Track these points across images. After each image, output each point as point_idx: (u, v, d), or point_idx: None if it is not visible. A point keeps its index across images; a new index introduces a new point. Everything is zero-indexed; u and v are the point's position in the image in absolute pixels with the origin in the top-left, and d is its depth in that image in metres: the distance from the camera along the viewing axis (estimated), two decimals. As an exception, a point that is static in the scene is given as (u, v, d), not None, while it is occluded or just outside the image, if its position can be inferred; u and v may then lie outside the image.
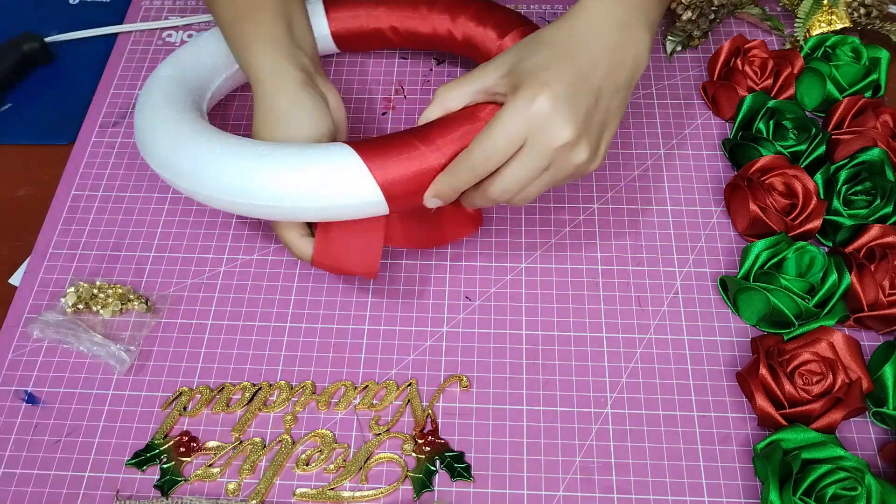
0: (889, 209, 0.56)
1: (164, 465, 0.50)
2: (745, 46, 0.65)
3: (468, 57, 0.64)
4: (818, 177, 0.59)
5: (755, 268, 0.55)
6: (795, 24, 0.67)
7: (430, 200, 0.49)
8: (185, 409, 0.52)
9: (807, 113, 0.64)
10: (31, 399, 0.53)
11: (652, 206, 0.61)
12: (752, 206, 0.56)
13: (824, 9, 0.67)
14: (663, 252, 0.58)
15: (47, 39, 0.72)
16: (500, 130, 0.46)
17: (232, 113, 0.67)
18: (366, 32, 0.65)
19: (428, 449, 0.50)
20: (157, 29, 0.73)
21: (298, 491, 0.49)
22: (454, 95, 0.50)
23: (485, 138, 0.46)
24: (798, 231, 0.57)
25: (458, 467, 0.49)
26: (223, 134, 0.50)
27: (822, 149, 0.60)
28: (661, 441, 0.50)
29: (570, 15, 0.49)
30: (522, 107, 0.45)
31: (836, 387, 0.50)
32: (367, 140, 0.49)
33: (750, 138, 0.61)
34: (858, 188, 0.57)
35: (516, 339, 0.55)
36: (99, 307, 0.56)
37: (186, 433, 0.51)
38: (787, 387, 0.49)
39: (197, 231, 0.60)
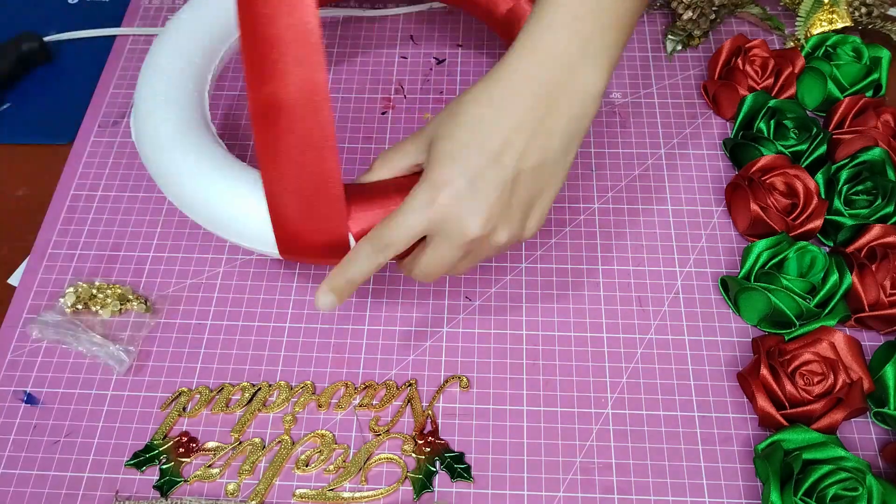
0: (890, 209, 0.56)
1: (164, 466, 0.50)
2: (746, 46, 0.65)
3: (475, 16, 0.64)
4: (819, 176, 0.59)
5: (756, 268, 0.55)
6: (796, 24, 0.67)
7: (324, 298, 0.46)
8: (184, 409, 0.52)
9: (808, 112, 0.64)
10: (30, 399, 0.53)
11: (652, 206, 0.61)
12: (753, 206, 0.56)
13: (825, 8, 0.67)
14: (664, 252, 0.58)
15: (46, 39, 0.72)
16: (403, 222, 0.44)
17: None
18: None
19: (428, 449, 0.50)
20: (156, 29, 0.73)
21: (298, 492, 0.49)
22: (385, 170, 0.48)
23: (386, 227, 0.45)
24: (799, 231, 0.57)
25: (459, 468, 0.49)
26: (221, 156, 0.50)
27: (823, 148, 0.60)
28: (662, 441, 0.50)
29: (490, 79, 0.44)
30: (423, 204, 0.44)
31: (837, 387, 0.49)
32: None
33: (751, 138, 0.61)
34: (859, 188, 0.57)
35: (516, 339, 0.55)
36: (98, 307, 0.56)
37: (186, 434, 0.51)
38: (788, 387, 0.49)
39: (196, 231, 0.60)
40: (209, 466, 0.50)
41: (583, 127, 0.45)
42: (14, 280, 0.58)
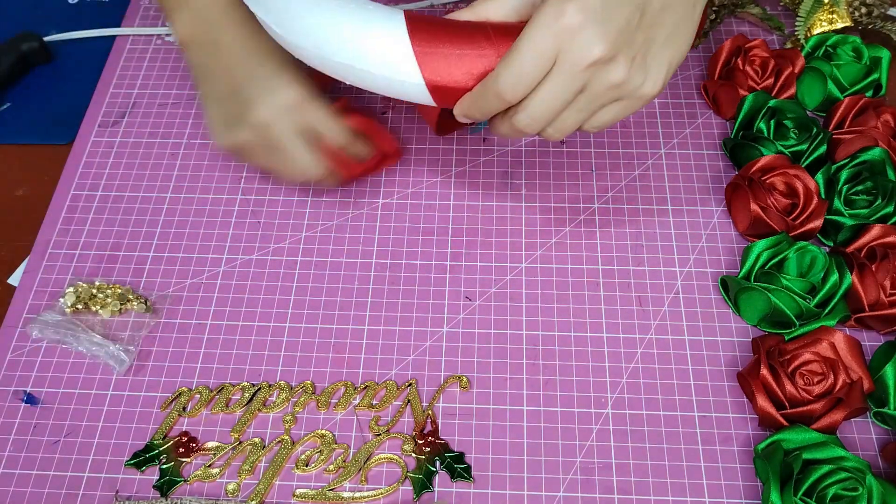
0: (890, 209, 0.56)
1: (164, 466, 0.50)
2: (746, 46, 0.65)
3: None
4: (819, 176, 0.59)
5: (756, 268, 0.55)
6: (796, 24, 0.67)
7: (461, 118, 0.46)
8: (184, 409, 0.52)
9: (808, 112, 0.64)
10: (30, 399, 0.53)
11: (652, 205, 0.61)
12: (753, 206, 0.56)
13: (825, 8, 0.67)
14: (664, 252, 0.58)
15: (46, 39, 0.72)
16: (527, 48, 0.42)
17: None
18: None
19: (428, 449, 0.50)
20: (156, 29, 0.73)
21: (298, 491, 0.49)
22: (493, 8, 0.46)
23: (511, 58, 0.42)
24: (799, 231, 0.57)
25: (459, 468, 0.49)
26: None
27: (823, 148, 0.60)
28: (662, 441, 0.50)
29: None
30: (549, 21, 0.41)
31: (837, 387, 0.49)
32: (428, 22, 0.45)
33: (751, 138, 0.61)
34: (859, 188, 0.57)
35: (516, 339, 0.55)
36: (98, 307, 0.56)
37: (186, 433, 0.51)
38: (788, 387, 0.49)
39: (196, 231, 0.60)
40: (209, 466, 0.50)
41: (694, 17, 0.45)
42: (14, 280, 0.58)
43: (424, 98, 0.46)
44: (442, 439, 0.51)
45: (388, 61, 0.45)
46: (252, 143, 0.54)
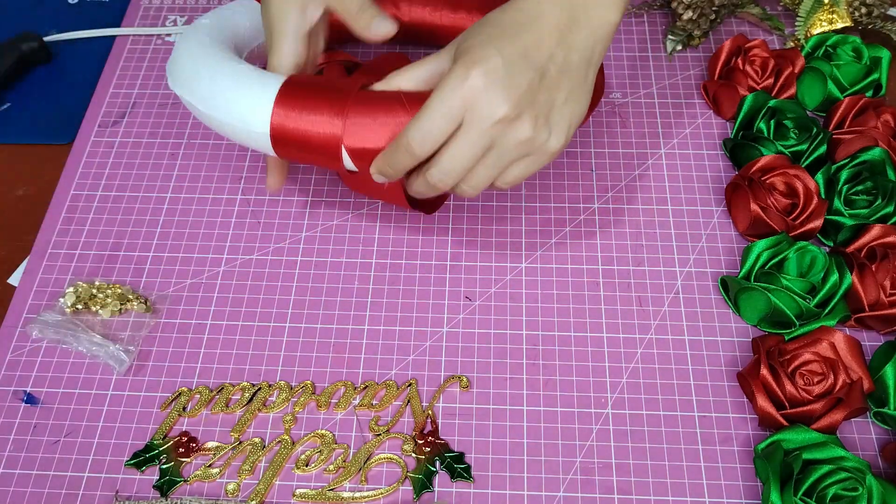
0: (890, 209, 0.56)
1: (164, 466, 0.50)
2: (746, 46, 0.65)
3: None
4: (819, 176, 0.59)
5: (756, 268, 0.55)
6: (796, 24, 0.67)
7: (376, 175, 0.48)
8: (184, 409, 0.52)
9: (808, 112, 0.64)
10: (30, 399, 0.53)
11: (652, 205, 0.61)
12: (753, 206, 0.56)
13: (825, 8, 0.67)
14: (664, 252, 0.58)
15: (46, 39, 0.72)
16: (436, 106, 0.44)
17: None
18: None
19: (428, 449, 0.50)
20: (156, 29, 0.73)
21: (298, 491, 0.49)
22: (405, 80, 0.49)
23: (421, 116, 0.45)
24: (799, 231, 0.57)
25: (459, 468, 0.49)
26: (235, 60, 0.51)
27: (823, 148, 0.60)
28: (662, 441, 0.50)
29: None
30: (457, 82, 0.44)
31: (837, 387, 0.49)
32: (302, 80, 0.49)
33: (751, 138, 0.61)
34: (859, 188, 0.57)
35: (516, 339, 0.55)
36: (98, 307, 0.56)
37: (186, 433, 0.51)
38: (788, 387, 0.49)
39: (196, 231, 0.60)
40: (209, 466, 0.50)
41: (598, 53, 0.48)
42: (14, 280, 0.58)
43: (346, 161, 0.49)
44: (442, 439, 0.51)
45: (247, 118, 0.49)
46: None
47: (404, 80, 0.49)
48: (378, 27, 0.52)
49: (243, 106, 0.49)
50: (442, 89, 0.44)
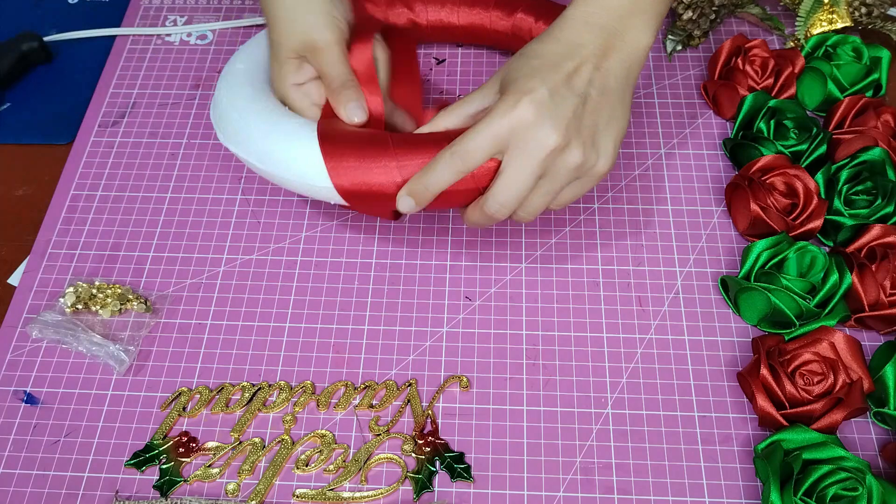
0: (890, 209, 0.56)
1: (164, 466, 0.50)
2: (746, 46, 0.65)
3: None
4: (819, 176, 0.59)
5: (756, 268, 0.55)
6: (796, 24, 0.67)
7: (403, 200, 0.49)
8: (184, 409, 0.52)
9: (808, 112, 0.64)
10: (30, 399, 0.53)
11: (652, 205, 0.61)
12: (753, 206, 0.56)
13: (825, 8, 0.67)
14: (664, 252, 0.58)
15: (46, 39, 0.72)
16: (483, 129, 0.46)
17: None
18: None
19: (428, 449, 0.50)
20: (156, 29, 0.73)
21: (298, 491, 0.49)
22: (451, 119, 0.51)
23: (466, 136, 0.47)
24: (799, 231, 0.57)
25: (458, 468, 0.49)
26: (281, 111, 0.53)
27: (822, 148, 0.60)
28: (662, 441, 0.50)
29: (554, 27, 0.50)
30: (505, 110, 0.46)
31: (837, 387, 0.49)
32: (338, 136, 0.50)
33: (751, 138, 0.61)
34: (859, 188, 0.57)
35: (516, 339, 0.55)
36: (98, 307, 0.56)
37: (186, 433, 0.51)
38: (788, 387, 0.49)
39: (196, 231, 0.60)
40: (209, 466, 0.50)
41: (634, 74, 0.50)
42: (14, 280, 0.58)
43: (341, 201, 0.51)
44: (442, 439, 0.51)
45: (307, 173, 0.50)
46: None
47: (450, 120, 0.51)
48: (352, 113, 0.53)
49: (302, 164, 0.50)
50: (492, 115, 0.47)
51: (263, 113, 0.53)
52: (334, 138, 0.50)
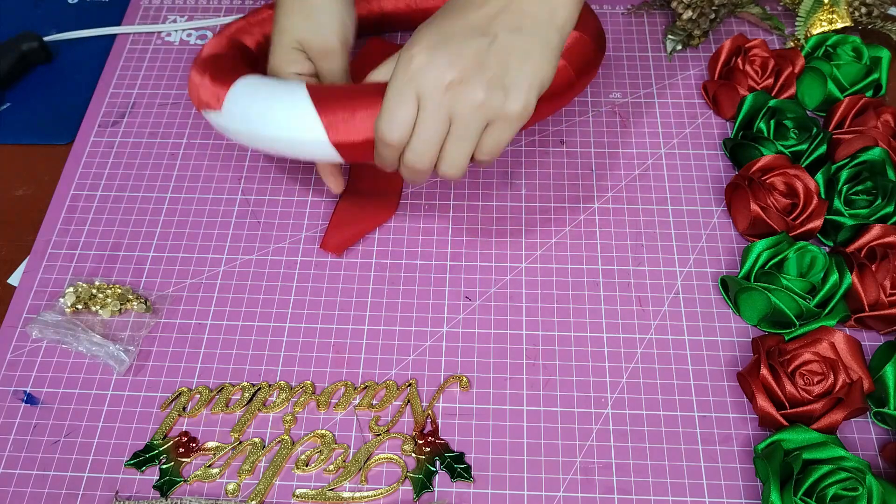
0: (890, 209, 0.56)
1: (164, 466, 0.50)
2: (746, 46, 0.65)
3: None
4: (819, 176, 0.59)
5: (756, 268, 0.55)
6: (796, 24, 0.67)
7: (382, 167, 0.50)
8: (184, 409, 0.52)
9: (808, 112, 0.64)
10: (30, 399, 0.53)
11: (652, 205, 0.61)
12: (753, 206, 0.56)
13: (825, 8, 0.67)
14: (664, 252, 0.58)
15: (46, 39, 0.72)
16: (392, 95, 0.46)
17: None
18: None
19: (428, 449, 0.50)
20: (156, 27, 0.73)
21: (298, 491, 0.49)
22: (380, 75, 0.50)
23: (382, 109, 0.46)
24: (799, 231, 0.57)
25: (459, 468, 0.49)
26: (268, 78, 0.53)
27: (823, 148, 0.60)
28: (662, 441, 0.50)
29: None
30: (403, 67, 0.45)
31: (837, 387, 0.49)
32: (328, 89, 0.50)
33: (751, 138, 0.61)
34: (859, 188, 0.57)
35: (516, 339, 0.55)
36: (98, 307, 0.56)
37: (185, 433, 0.51)
38: (788, 387, 0.49)
39: (196, 231, 0.60)
40: (209, 466, 0.50)
41: (560, 16, 0.47)
42: (14, 280, 0.58)
43: (334, 156, 0.50)
44: (442, 439, 0.51)
45: (297, 127, 0.49)
46: None
47: (380, 75, 0.50)
48: (333, 185, 0.57)
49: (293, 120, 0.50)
50: (393, 76, 0.46)
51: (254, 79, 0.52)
52: (327, 93, 0.49)
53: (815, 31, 0.67)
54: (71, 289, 0.56)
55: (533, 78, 0.46)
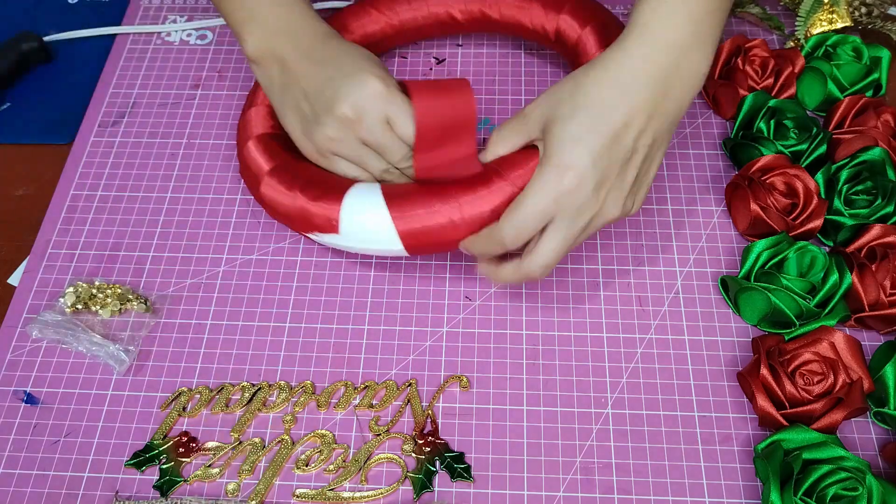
0: (890, 209, 0.56)
1: (164, 466, 0.50)
2: (746, 45, 0.65)
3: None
4: (819, 176, 0.59)
5: (756, 267, 0.55)
6: (796, 23, 0.67)
7: (464, 250, 0.51)
8: (184, 409, 0.52)
9: (808, 112, 0.64)
10: (30, 399, 0.53)
11: (652, 205, 0.61)
12: (753, 206, 0.56)
13: (825, 8, 0.67)
14: (664, 252, 0.58)
15: (46, 39, 0.72)
16: (530, 205, 0.46)
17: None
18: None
19: (428, 449, 0.50)
20: (156, 27, 0.73)
21: (298, 491, 0.49)
22: (500, 148, 0.51)
23: (514, 213, 0.47)
24: (799, 231, 0.57)
25: (458, 468, 0.49)
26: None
27: (822, 148, 0.60)
28: (662, 441, 0.50)
29: (608, 61, 0.48)
30: (552, 184, 0.46)
31: (837, 387, 0.49)
32: (398, 191, 0.51)
33: (751, 138, 0.61)
34: (859, 188, 0.57)
35: (516, 339, 0.55)
36: (98, 307, 0.56)
37: (186, 433, 0.51)
38: (788, 387, 0.49)
39: (196, 231, 0.60)
40: (209, 466, 0.50)
41: (686, 106, 0.49)
42: (14, 280, 0.58)
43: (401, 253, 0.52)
44: (442, 439, 0.51)
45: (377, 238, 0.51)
46: (339, 138, 0.52)
47: (500, 147, 0.50)
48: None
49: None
50: (537, 190, 0.46)
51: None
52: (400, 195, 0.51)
53: (815, 30, 0.67)
54: (71, 289, 0.56)
55: (652, 179, 0.49)
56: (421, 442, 0.50)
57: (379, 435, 0.51)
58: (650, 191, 0.57)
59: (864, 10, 0.67)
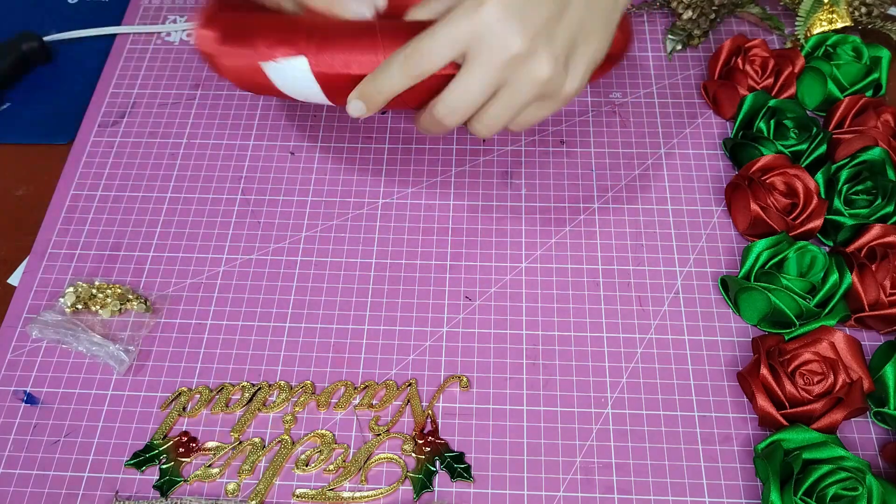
0: (890, 209, 0.56)
1: (164, 466, 0.50)
2: (746, 45, 0.65)
3: None
4: (819, 176, 0.59)
5: (756, 267, 0.55)
6: (796, 23, 0.67)
7: (353, 104, 0.45)
8: (184, 409, 0.52)
9: (808, 112, 0.64)
10: (30, 399, 0.53)
11: (652, 205, 0.61)
12: (753, 206, 0.56)
13: (825, 8, 0.67)
14: (664, 252, 0.58)
15: (46, 39, 0.72)
16: (441, 31, 0.42)
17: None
18: None
19: (428, 449, 0.50)
20: (156, 27, 0.73)
21: (298, 491, 0.49)
22: (423, 13, 0.46)
23: (423, 36, 0.42)
24: (799, 231, 0.57)
25: (459, 468, 0.49)
26: None
27: (822, 148, 0.60)
28: (662, 441, 0.50)
29: None
30: (468, 11, 0.41)
31: (837, 387, 0.49)
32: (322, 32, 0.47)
33: (751, 137, 0.61)
34: (859, 188, 0.57)
35: (516, 339, 0.55)
36: (98, 307, 0.56)
37: (186, 433, 0.51)
38: (788, 387, 0.49)
39: (196, 231, 0.60)
40: (209, 466, 0.50)
41: None
42: (14, 280, 0.58)
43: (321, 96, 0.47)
44: (442, 439, 0.51)
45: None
46: None
47: (423, 12, 0.46)
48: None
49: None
50: (453, 15, 0.42)
51: None
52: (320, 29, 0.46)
53: (815, 30, 0.67)
54: (71, 289, 0.56)
55: (591, 59, 0.44)
56: (421, 442, 0.50)
57: (379, 435, 0.51)
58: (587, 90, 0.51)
59: (864, 10, 0.67)
